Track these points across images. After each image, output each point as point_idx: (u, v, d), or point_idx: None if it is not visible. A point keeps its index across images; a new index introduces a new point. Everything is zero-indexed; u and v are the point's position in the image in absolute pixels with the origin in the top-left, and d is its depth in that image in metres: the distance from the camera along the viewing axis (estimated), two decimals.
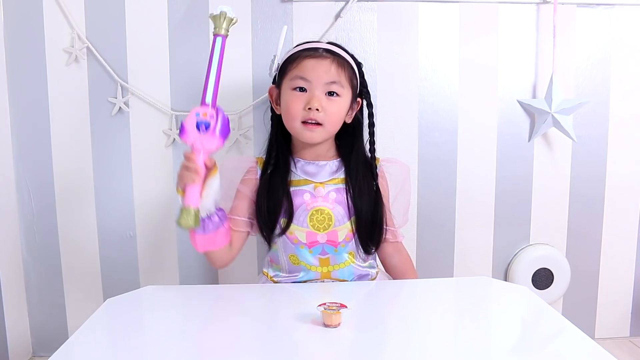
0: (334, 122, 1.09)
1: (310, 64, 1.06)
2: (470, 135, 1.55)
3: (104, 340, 0.81)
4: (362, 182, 1.10)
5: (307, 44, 1.11)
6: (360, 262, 1.13)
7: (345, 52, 1.12)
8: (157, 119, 1.47)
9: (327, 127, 1.08)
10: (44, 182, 1.49)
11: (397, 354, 0.73)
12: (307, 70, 1.06)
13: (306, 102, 1.05)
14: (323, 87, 1.06)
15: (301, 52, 1.08)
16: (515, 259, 1.60)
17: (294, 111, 1.06)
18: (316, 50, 1.08)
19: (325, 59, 1.06)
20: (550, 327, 0.84)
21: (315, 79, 1.05)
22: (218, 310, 0.92)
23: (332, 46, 1.11)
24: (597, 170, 1.59)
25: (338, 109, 1.08)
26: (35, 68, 1.44)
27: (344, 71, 1.08)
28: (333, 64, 1.06)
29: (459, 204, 1.57)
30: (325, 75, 1.06)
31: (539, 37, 1.52)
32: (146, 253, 1.53)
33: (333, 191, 1.10)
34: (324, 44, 1.12)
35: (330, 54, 1.08)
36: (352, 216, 1.10)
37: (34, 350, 1.57)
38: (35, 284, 1.53)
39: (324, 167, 1.12)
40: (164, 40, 1.45)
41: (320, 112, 1.05)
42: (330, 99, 1.07)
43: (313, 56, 1.06)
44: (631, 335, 1.68)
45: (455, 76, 1.52)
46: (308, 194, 1.09)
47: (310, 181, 1.11)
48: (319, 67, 1.06)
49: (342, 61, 1.08)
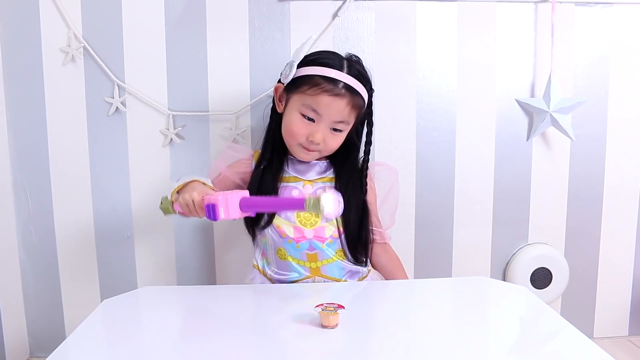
0: (332, 149, 1.12)
1: (327, 101, 1.05)
2: (468, 134, 1.54)
3: (101, 341, 0.81)
4: (351, 195, 1.12)
5: (328, 69, 1.06)
6: (349, 260, 1.14)
7: (363, 83, 1.09)
8: (154, 119, 1.46)
9: (325, 152, 1.12)
10: (40, 182, 1.48)
11: (395, 355, 0.73)
12: (321, 106, 1.06)
13: (310, 132, 1.07)
14: (330, 124, 1.08)
15: (321, 83, 1.05)
16: (513, 258, 1.60)
17: (296, 135, 1.09)
18: (336, 85, 1.05)
19: (342, 98, 1.05)
20: (549, 326, 0.84)
21: (326, 116, 1.06)
22: (215, 311, 0.92)
23: (354, 80, 1.07)
24: (596, 169, 1.59)
25: (338, 141, 1.11)
26: (32, 67, 1.43)
27: (356, 111, 1.09)
28: (348, 106, 1.06)
29: (457, 203, 1.57)
30: (337, 115, 1.07)
31: (537, 36, 1.52)
32: (143, 253, 1.53)
33: (321, 189, 1.13)
34: (346, 75, 1.07)
35: (349, 93, 1.06)
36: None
37: (31, 351, 1.57)
38: (32, 284, 1.53)
39: (313, 167, 1.16)
40: (161, 39, 1.44)
41: (320, 144, 1.08)
42: (334, 134, 1.09)
43: (332, 92, 1.05)
44: (630, 335, 1.68)
45: (453, 75, 1.52)
46: (297, 190, 1.13)
47: (299, 179, 1.14)
48: (334, 106, 1.05)
49: (357, 102, 1.08)
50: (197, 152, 1.49)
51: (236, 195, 0.94)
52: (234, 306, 0.90)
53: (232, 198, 0.93)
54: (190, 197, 0.98)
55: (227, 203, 0.93)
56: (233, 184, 1.18)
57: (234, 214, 0.93)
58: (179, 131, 1.46)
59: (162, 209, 1.06)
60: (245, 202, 0.93)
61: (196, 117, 1.47)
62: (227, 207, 0.93)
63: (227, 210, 0.93)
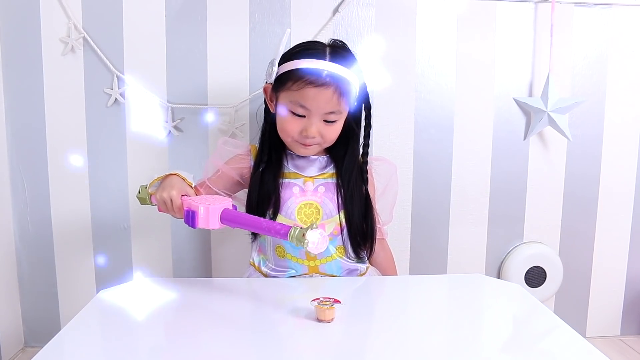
0: (330, 140, 1.08)
1: (312, 93, 1.01)
2: (465, 132, 1.55)
3: (96, 333, 0.81)
4: (354, 187, 1.10)
5: (310, 60, 1.02)
6: (349, 257, 1.13)
7: (348, 67, 1.04)
8: (153, 111, 1.46)
9: (324, 145, 1.09)
10: (38, 172, 1.48)
11: (389, 350, 0.73)
12: (307, 99, 1.01)
13: (302, 127, 1.04)
14: (322, 116, 1.04)
15: (304, 75, 1.01)
16: (508, 256, 1.61)
17: (290, 133, 1.05)
18: (319, 75, 1.01)
19: (327, 88, 1.01)
20: (542, 324, 0.84)
21: (315, 109, 1.02)
22: (211, 304, 0.92)
23: (337, 66, 1.02)
24: (592, 169, 1.60)
25: (335, 130, 1.07)
26: (31, 57, 1.43)
27: (344, 97, 1.03)
28: (335, 94, 1.01)
29: (454, 200, 1.57)
30: (326, 106, 1.02)
31: (536, 35, 1.52)
32: (140, 245, 1.53)
33: (322, 185, 1.11)
34: (328, 63, 1.02)
35: (334, 81, 1.01)
36: (341, 210, 1.10)
37: (26, 340, 1.57)
38: (27, 274, 1.53)
39: (314, 162, 1.13)
40: (161, 31, 1.44)
41: (316, 138, 1.05)
42: (328, 125, 1.05)
43: (315, 84, 1.00)
44: (622, 334, 1.69)
45: (452, 73, 1.52)
46: (297, 187, 1.10)
47: (300, 175, 1.11)
48: (320, 97, 1.01)
49: (345, 89, 1.03)
50: (195, 145, 1.49)
51: (219, 207, 0.90)
52: (229, 299, 0.90)
53: (213, 210, 0.90)
54: (168, 196, 0.95)
55: (208, 214, 0.90)
56: (231, 180, 1.16)
57: (214, 225, 0.90)
58: (177, 123, 1.46)
59: (139, 198, 1.03)
60: (227, 216, 0.90)
61: (195, 110, 1.47)
62: (207, 218, 0.90)
63: (206, 221, 0.90)
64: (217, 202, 0.91)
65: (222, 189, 1.15)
